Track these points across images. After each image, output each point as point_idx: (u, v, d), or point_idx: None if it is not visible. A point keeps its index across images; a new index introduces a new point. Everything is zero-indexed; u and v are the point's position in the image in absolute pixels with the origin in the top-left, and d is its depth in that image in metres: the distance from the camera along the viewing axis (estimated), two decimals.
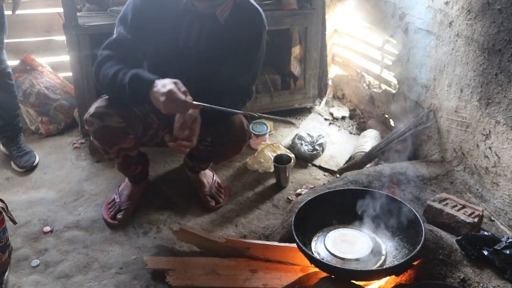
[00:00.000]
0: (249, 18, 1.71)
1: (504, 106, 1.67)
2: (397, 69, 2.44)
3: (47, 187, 2.18)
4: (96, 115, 1.69)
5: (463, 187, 1.94)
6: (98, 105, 1.71)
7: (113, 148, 1.79)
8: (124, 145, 1.79)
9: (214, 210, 2.03)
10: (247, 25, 1.70)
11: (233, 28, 1.69)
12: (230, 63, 1.73)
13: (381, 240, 1.52)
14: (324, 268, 1.39)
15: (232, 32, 1.69)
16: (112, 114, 1.69)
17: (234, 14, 1.68)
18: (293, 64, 2.92)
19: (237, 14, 1.68)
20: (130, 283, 1.63)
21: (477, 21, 1.75)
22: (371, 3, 2.59)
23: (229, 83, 1.73)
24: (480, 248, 1.48)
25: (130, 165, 1.91)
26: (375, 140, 2.41)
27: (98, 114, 1.69)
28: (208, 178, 2.11)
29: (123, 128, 1.73)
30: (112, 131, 1.72)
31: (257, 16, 1.73)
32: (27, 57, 2.65)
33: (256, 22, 1.73)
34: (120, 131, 1.74)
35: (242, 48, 1.72)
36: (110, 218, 1.93)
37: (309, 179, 2.28)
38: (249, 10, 1.71)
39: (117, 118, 1.70)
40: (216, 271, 1.62)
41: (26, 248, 1.78)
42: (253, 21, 1.72)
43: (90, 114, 1.70)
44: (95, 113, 1.69)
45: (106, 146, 1.79)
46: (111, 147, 1.79)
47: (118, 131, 1.73)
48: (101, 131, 1.71)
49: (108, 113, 1.69)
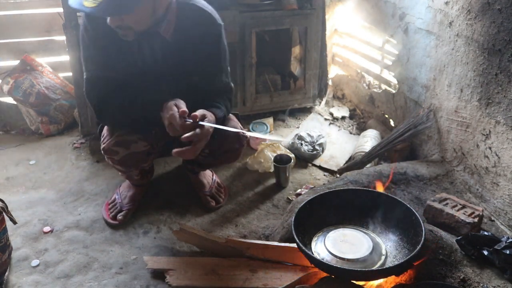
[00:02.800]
0: (199, 23, 1.66)
1: (504, 106, 1.67)
2: (397, 69, 2.44)
3: (47, 187, 2.18)
4: (120, 143, 1.71)
5: (463, 187, 1.94)
6: (117, 133, 1.71)
7: (137, 170, 1.85)
8: (145, 164, 1.85)
9: (214, 210, 2.03)
10: (199, 32, 1.66)
11: (184, 41, 1.65)
12: (196, 72, 1.71)
13: (381, 240, 1.52)
14: (324, 268, 1.39)
15: (184, 44, 1.65)
16: (136, 140, 1.72)
17: (182, 25, 1.64)
18: (293, 64, 2.92)
19: (185, 24, 1.64)
20: (130, 283, 1.63)
21: (477, 21, 1.75)
22: (371, 3, 2.59)
23: (207, 88, 1.72)
24: (480, 248, 1.48)
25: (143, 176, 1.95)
26: (375, 140, 2.41)
27: (121, 142, 1.71)
28: (208, 178, 2.11)
29: (148, 150, 1.77)
30: (137, 155, 1.75)
31: (207, 19, 1.68)
32: (27, 57, 2.65)
33: (208, 24, 1.68)
34: (144, 154, 1.78)
35: (202, 54, 1.68)
36: (111, 218, 1.93)
37: (309, 179, 2.28)
38: (197, 14, 1.66)
39: (143, 143, 1.74)
40: (216, 271, 1.62)
41: (26, 248, 1.78)
42: (204, 24, 1.67)
43: (111, 144, 1.71)
44: (118, 142, 1.70)
45: (131, 169, 1.84)
46: (136, 170, 1.85)
47: (143, 154, 1.77)
48: (127, 158, 1.74)
49: (132, 139, 1.72)
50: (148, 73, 1.70)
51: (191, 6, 1.66)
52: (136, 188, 2.01)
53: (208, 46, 1.69)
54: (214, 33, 1.70)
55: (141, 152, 1.75)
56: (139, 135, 1.74)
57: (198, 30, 1.65)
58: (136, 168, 1.84)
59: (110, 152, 1.73)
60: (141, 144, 1.74)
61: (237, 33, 2.46)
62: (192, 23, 1.65)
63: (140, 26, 1.53)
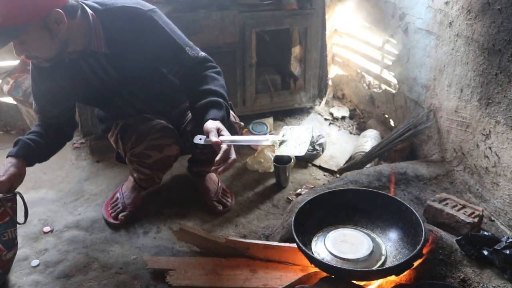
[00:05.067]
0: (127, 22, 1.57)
1: (504, 106, 1.67)
2: (397, 69, 2.44)
3: (47, 187, 2.18)
4: (153, 147, 1.72)
5: (463, 187, 1.94)
6: (149, 137, 1.72)
7: (163, 173, 1.89)
8: (170, 168, 1.87)
9: (222, 214, 2.01)
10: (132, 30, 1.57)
11: (123, 46, 1.59)
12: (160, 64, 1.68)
13: (381, 240, 1.52)
14: (324, 268, 1.39)
15: (125, 49, 1.60)
16: (170, 144, 1.74)
17: (111, 32, 1.58)
18: (293, 64, 2.92)
19: (114, 29, 1.57)
20: (130, 283, 1.63)
21: (477, 21, 1.75)
22: (371, 3, 2.59)
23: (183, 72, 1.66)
24: (480, 248, 1.48)
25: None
26: (375, 140, 2.41)
27: (155, 146, 1.72)
28: (213, 183, 2.09)
29: (178, 154, 1.80)
30: (169, 159, 1.78)
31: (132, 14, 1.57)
32: None
33: (136, 19, 1.57)
34: (174, 158, 1.80)
35: (151, 48, 1.60)
36: (112, 218, 1.92)
37: (309, 179, 2.28)
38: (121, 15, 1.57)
39: (175, 147, 1.76)
40: (216, 271, 1.62)
41: (26, 248, 1.78)
42: (132, 21, 1.57)
43: (144, 148, 1.72)
44: (151, 145, 1.71)
45: (158, 173, 1.86)
46: (162, 173, 1.88)
47: (173, 158, 1.79)
48: (160, 162, 1.76)
49: (166, 143, 1.73)
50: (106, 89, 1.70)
51: (113, 9, 1.58)
52: (141, 190, 2.00)
53: (150, 37, 1.59)
54: (148, 22, 1.58)
55: (173, 156, 1.78)
56: (172, 139, 1.75)
57: (130, 28, 1.57)
58: (163, 171, 1.87)
59: (142, 156, 1.73)
60: (174, 147, 1.75)
61: (237, 33, 2.46)
62: (121, 26, 1.57)
63: (44, 53, 1.48)
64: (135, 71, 1.67)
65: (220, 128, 1.45)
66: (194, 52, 1.65)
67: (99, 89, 1.71)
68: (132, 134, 1.76)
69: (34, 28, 1.40)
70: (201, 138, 1.45)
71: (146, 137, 1.72)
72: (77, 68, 1.63)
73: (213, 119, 1.48)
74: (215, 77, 1.63)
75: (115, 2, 1.60)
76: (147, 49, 1.61)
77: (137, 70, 1.66)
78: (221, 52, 2.44)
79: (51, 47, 1.48)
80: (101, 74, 1.67)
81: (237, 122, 1.82)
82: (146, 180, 1.91)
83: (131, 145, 1.75)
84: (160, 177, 1.91)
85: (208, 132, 1.42)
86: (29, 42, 1.43)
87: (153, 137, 1.72)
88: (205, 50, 1.72)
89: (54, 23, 1.43)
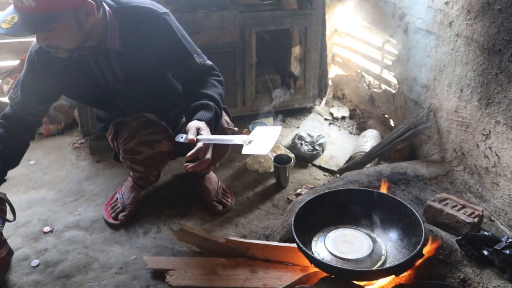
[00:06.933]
0: (142, 22, 1.58)
1: (504, 106, 1.67)
2: (397, 69, 2.44)
3: (47, 187, 2.18)
4: (144, 143, 1.71)
5: (463, 187, 1.94)
6: (140, 133, 1.71)
7: (156, 171, 1.86)
8: (164, 165, 1.85)
9: (222, 214, 2.01)
10: (146, 31, 1.58)
11: (135, 45, 1.59)
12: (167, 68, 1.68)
13: (381, 240, 1.52)
14: (324, 268, 1.39)
15: (138, 49, 1.60)
16: (161, 140, 1.73)
17: (126, 31, 1.58)
18: (293, 64, 2.92)
19: (129, 28, 1.57)
20: (130, 283, 1.63)
21: (477, 21, 1.75)
22: (371, 3, 2.59)
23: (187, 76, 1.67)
24: (480, 248, 1.48)
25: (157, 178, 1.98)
26: (375, 140, 2.41)
27: (145, 142, 1.71)
28: (213, 184, 2.08)
29: (169, 150, 1.78)
30: (160, 156, 1.76)
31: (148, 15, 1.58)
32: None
33: (152, 20, 1.58)
34: (166, 154, 1.78)
35: (161, 50, 1.61)
36: (112, 218, 1.92)
37: (309, 179, 2.28)
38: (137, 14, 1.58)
39: (166, 142, 1.74)
40: (216, 271, 1.62)
41: (26, 248, 1.78)
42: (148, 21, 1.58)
43: (135, 144, 1.70)
44: (142, 141, 1.70)
45: (151, 170, 1.84)
46: (156, 170, 1.86)
47: (165, 154, 1.78)
48: (151, 158, 1.74)
49: (157, 139, 1.72)
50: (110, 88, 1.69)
51: (128, 8, 1.58)
52: (140, 189, 2.00)
53: (162, 40, 1.60)
54: (161, 25, 1.60)
55: (164, 152, 1.76)
56: (163, 135, 1.74)
57: (145, 29, 1.58)
58: (156, 168, 1.85)
59: (133, 152, 1.72)
60: (165, 143, 1.74)
61: (237, 33, 2.46)
62: (135, 25, 1.57)
63: (68, 43, 1.46)
64: (141, 72, 1.67)
65: (201, 127, 1.46)
66: (201, 60, 1.67)
67: (102, 88, 1.70)
68: (124, 131, 1.76)
69: (66, 16, 1.39)
70: (182, 136, 1.47)
71: (137, 134, 1.72)
72: (84, 64, 1.62)
73: (199, 119, 1.49)
74: (215, 84, 1.65)
75: (130, 1, 1.60)
76: (157, 51, 1.62)
77: (144, 71, 1.67)
78: (221, 52, 2.44)
79: (75, 38, 1.47)
80: (108, 74, 1.66)
81: (230, 127, 1.81)
82: (141, 179, 1.91)
83: (123, 142, 1.74)
84: (154, 175, 1.90)
85: (188, 130, 1.44)
86: (57, 30, 1.40)
87: (144, 133, 1.71)
88: (205, 50, 1.73)
89: (84, 14, 1.43)
